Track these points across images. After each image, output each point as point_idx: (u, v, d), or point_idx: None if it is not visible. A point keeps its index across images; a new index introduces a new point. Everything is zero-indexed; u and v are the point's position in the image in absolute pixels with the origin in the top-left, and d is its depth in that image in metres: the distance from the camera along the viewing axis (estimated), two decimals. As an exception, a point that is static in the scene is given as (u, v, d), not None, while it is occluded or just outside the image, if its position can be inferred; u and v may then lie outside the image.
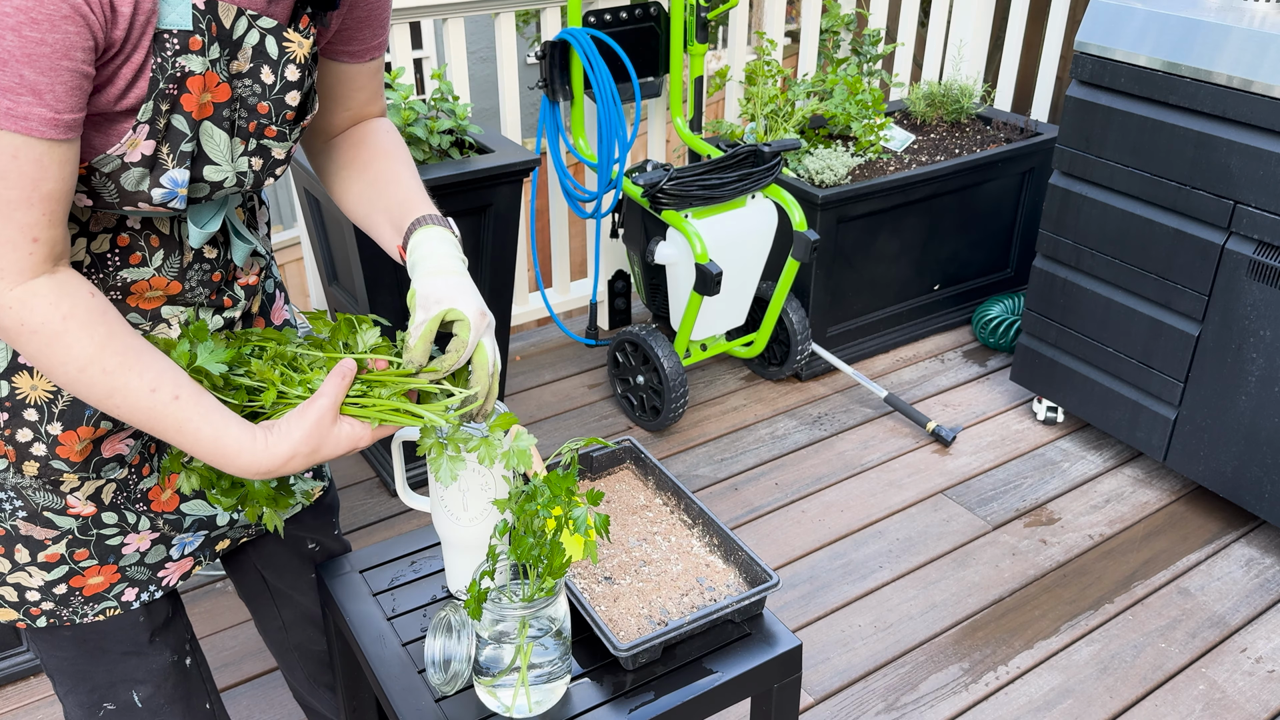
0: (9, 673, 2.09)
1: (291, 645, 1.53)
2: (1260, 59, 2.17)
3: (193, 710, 1.36)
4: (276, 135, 1.08)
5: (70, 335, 0.94)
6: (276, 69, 1.04)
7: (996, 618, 2.31)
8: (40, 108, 0.85)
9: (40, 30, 0.82)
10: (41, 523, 1.14)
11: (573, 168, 4.04)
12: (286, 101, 1.06)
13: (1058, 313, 2.77)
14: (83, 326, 0.95)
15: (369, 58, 1.21)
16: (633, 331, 2.88)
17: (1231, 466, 2.46)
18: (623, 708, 1.20)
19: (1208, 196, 2.33)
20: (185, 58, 0.94)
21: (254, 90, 1.03)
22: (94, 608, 1.22)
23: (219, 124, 1.01)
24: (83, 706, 1.29)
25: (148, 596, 1.26)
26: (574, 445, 1.25)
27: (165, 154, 0.98)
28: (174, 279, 1.11)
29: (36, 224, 0.91)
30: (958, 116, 3.47)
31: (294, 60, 1.05)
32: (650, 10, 2.97)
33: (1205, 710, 2.08)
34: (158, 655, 1.30)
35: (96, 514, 1.17)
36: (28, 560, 1.16)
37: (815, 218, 2.90)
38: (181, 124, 0.98)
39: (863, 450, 2.88)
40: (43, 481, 1.12)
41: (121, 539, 1.20)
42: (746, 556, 1.33)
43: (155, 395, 0.98)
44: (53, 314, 0.93)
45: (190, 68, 0.95)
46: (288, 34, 1.03)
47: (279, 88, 1.05)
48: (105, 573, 1.21)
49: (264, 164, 1.09)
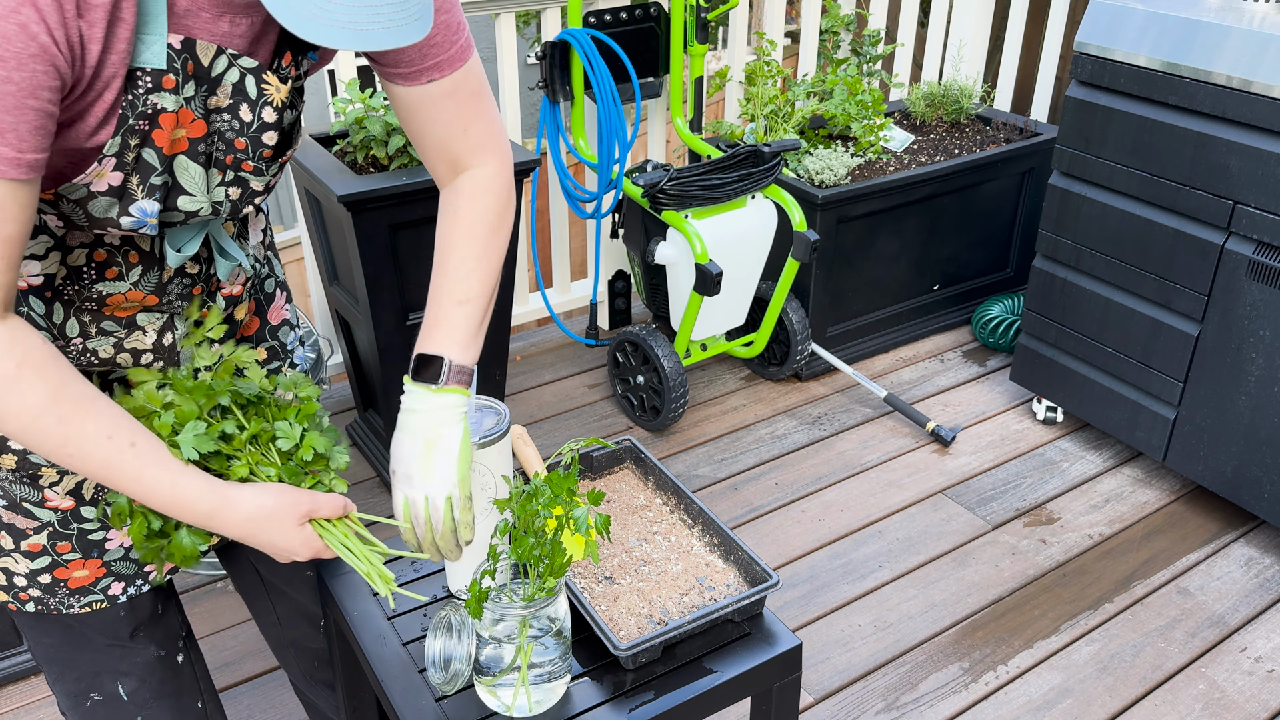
0: (9, 673, 2.09)
1: (288, 641, 1.53)
2: (1260, 59, 2.17)
3: (183, 708, 1.35)
4: (254, 170, 1.06)
5: (24, 382, 0.92)
6: (254, 108, 1.02)
7: (996, 617, 2.32)
8: (3, 147, 0.83)
9: (6, 69, 0.80)
10: (22, 513, 1.15)
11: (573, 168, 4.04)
12: (263, 140, 1.04)
13: (1057, 313, 2.77)
14: (37, 373, 0.92)
15: (425, 79, 1.11)
16: (633, 331, 2.88)
17: (1231, 466, 2.46)
18: (623, 707, 1.20)
19: (1207, 196, 2.33)
20: (158, 95, 0.93)
21: (232, 126, 1.01)
22: (80, 600, 1.22)
23: (194, 158, 0.99)
24: (70, 695, 1.30)
25: (134, 590, 1.25)
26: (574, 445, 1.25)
27: (135, 185, 0.96)
28: (151, 293, 1.09)
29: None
30: (957, 117, 3.48)
31: (270, 103, 1.03)
32: (650, 10, 2.97)
33: (1205, 710, 2.08)
34: (141, 649, 1.29)
35: (76, 508, 1.16)
36: (12, 547, 1.16)
37: (815, 218, 2.91)
38: (152, 158, 0.96)
39: (862, 450, 2.88)
40: (20, 475, 1.12)
41: (104, 534, 1.20)
42: (746, 556, 1.33)
43: (111, 442, 0.97)
44: (6, 361, 0.91)
45: (163, 105, 0.93)
46: (266, 76, 1.01)
47: (256, 126, 1.03)
48: (90, 566, 1.20)
49: (242, 194, 1.07)
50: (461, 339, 1.15)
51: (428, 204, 2.41)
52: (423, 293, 2.56)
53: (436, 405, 1.12)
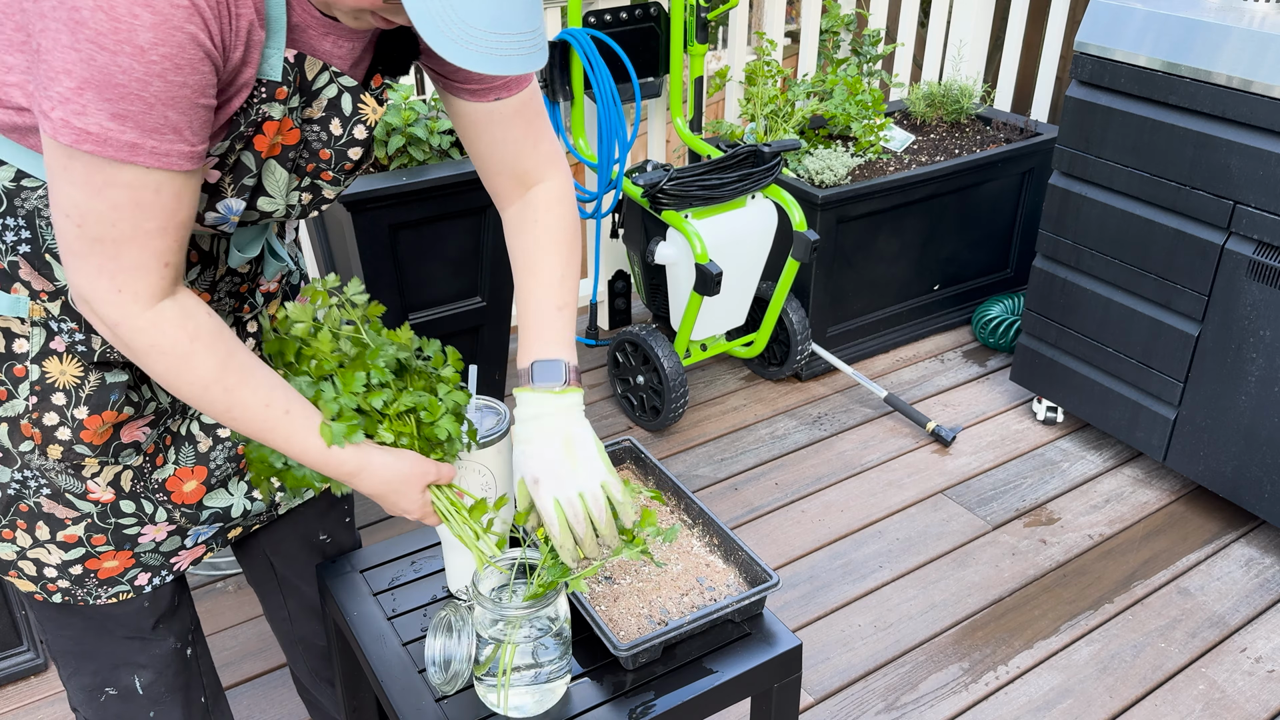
0: (9, 673, 2.09)
1: (296, 638, 1.54)
2: (1260, 59, 2.17)
3: (190, 701, 1.38)
4: (332, 179, 1.13)
5: (197, 356, 1.00)
6: (346, 124, 1.08)
7: (996, 618, 2.32)
8: (181, 144, 0.90)
9: (183, 74, 0.87)
10: (63, 503, 1.17)
11: (573, 168, 4.04)
12: (349, 154, 1.11)
13: (1057, 313, 2.77)
14: (207, 347, 1.00)
15: (492, 97, 1.16)
16: (633, 331, 2.88)
17: (1231, 466, 2.46)
18: (623, 708, 1.20)
19: (1207, 196, 2.33)
20: (269, 105, 0.99)
21: (320, 137, 1.07)
22: (108, 590, 1.25)
23: (283, 163, 1.06)
24: (85, 690, 1.31)
25: (159, 581, 1.29)
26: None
27: (227, 184, 1.03)
28: (205, 290, 1.15)
29: (169, 250, 0.96)
30: (958, 117, 3.48)
31: (365, 121, 1.09)
32: (650, 10, 2.97)
33: (1205, 710, 2.08)
34: (161, 641, 1.32)
35: (115, 501, 1.19)
36: (47, 537, 1.19)
37: (815, 218, 2.91)
38: (249, 160, 1.02)
39: (863, 450, 2.88)
40: (65, 465, 1.15)
41: (139, 529, 1.23)
42: (746, 556, 1.33)
43: (269, 410, 1.04)
44: (180, 335, 0.99)
45: (270, 114, 1.00)
46: (364, 97, 1.08)
47: (344, 141, 1.09)
48: (120, 558, 1.24)
49: (313, 199, 1.14)
50: (568, 341, 1.22)
51: (427, 204, 2.41)
52: (423, 293, 2.56)
53: (564, 406, 1.18)
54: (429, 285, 2.55)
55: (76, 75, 0.84)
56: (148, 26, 0.83)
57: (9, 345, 1.08)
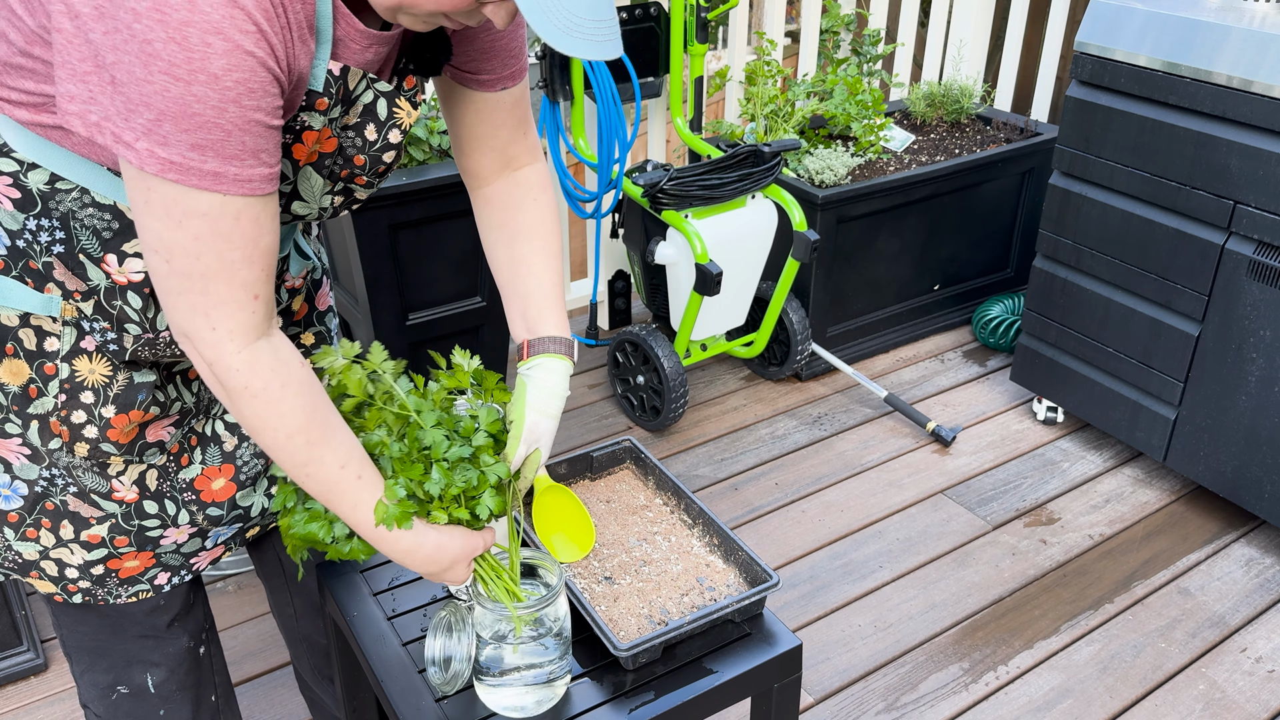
0: (9, 673, 2.09)
1: (301, 635, 1.55)
2: (1260, 59, 2.17)
3: (200, 700, 1.38)
4: (365, 184, 1.14)
5: (286, 404, 0.99)
6: (381, 129, 1.09)
7: (996, 618, 2.31)
8: (260, 167, 0.91)
9: (255, 98, 0.87)
10: (89, 503, 1.18)
11: (573, 168, 4.04)
12: (383, 159, 1.12)
13: (1058, 313, 2.77)
14: (297, 396, 1.00)
15: (500, 87, 1.20)
16: (633, 331, 2.88)
17: (1231, 466, 2.46)
18: (623, 708, 1.20)
19: (1207, 196, 2.33)
20: (309, 114, 0.99)
21: (355, 144, 1.08)
22: (127, 590, 1.26)
23: (319, 170, 1.06)
24: (97, 687, 1.32)
25: (178, 580, 1.30)
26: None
27: None
28: None
29: (257, 280, 0.95)
30: (958, 117, 3.47)
31: (399, 125, 1.10)
32: (650, 10, 2.97)
33: (1205, 710, 2.08)
34: (175, 640, 1.33)
35: (139, 501, 1.20)
36: (71, 537, 1.19)
37: (815, 218, 2.90)
38: (286, 167, 1.03)
39: (863, 450, 2.88)
40: (91, 463, 1.15)
41: (161, 532, 1.24)
42: (746, 556, 1.33)
43: (344, 471, 1.04)
44: (273, 380, 0.98)
45: (310, 123, 1.00)
46: (399, 102, 1.09)
47: (379, 146, 1.10)
48: (142, 558, 1.25)
49: (344, 202, 1.15)
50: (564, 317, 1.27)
51: (427, 204, 2.41)
52: (422, 293, 2.56)
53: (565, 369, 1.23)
54: (429, 285, 2.55)
55: (155, 107, 0.84)
56: (220, 54, 0.83)
57: (40, 343, 1.09)
